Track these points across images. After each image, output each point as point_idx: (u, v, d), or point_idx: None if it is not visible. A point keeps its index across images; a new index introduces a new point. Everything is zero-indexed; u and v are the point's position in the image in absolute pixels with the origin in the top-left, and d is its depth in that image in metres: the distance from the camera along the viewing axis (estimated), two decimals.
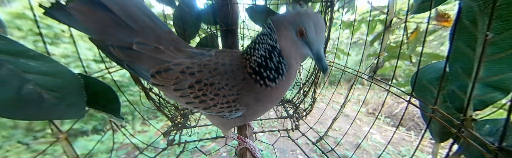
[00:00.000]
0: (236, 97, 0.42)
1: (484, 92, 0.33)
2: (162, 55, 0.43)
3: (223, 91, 0.42)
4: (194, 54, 0.45)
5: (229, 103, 0.43)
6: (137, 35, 0.43)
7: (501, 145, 0.28)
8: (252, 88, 0.43)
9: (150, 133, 2.39)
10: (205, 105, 0.44)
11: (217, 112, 0.45)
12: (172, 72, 0.42)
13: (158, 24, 0.45)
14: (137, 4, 0.42)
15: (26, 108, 0.31)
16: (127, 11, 0.40)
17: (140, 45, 0.42)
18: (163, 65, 0.43)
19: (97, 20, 0.39)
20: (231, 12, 0.68)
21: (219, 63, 0.43)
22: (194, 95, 0.43)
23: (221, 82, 0.42)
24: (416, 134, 2.62)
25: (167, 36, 0.46)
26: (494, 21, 0.29)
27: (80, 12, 0.38)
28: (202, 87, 0.42)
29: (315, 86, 0.81)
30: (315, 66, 0.80)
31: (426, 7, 0.46)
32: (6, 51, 0.30)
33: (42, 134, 1.89)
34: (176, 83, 0.42)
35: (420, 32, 0.82)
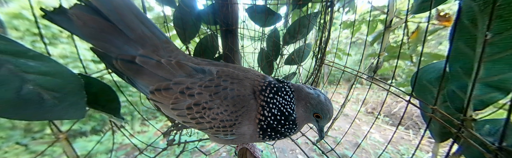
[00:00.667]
0: (233, 122, 0.43)
1: (484, 92, 0.33)
2: (163, 72, 0.43)
3: (221, 115, 0.42)
4: (195, 73, 0.44)
5: (226, 128, 0.44)
6: (136, 44, 0.43)
7: (501, 145, 0.28)
8: (251, 123, 0.44)
9: (149, 134, 2.38)
10: (201, 126, 0.44)
11: (212, 133, 0.46)
12: (172, 92, 0.42)
13: (156, 34, 0.45)
14: (135, 12, 0.42)
15: (26, 108, 0.31)
16: (125, 21, 0.41)
17: (143, 58, 0.42)
18: (163, 83, 0.42)
19: (95, 27, 0.39)
20: (231, 12, 0.68)
21: (221, 86, 0.43)
22: (192, 116, 0.43)
23: (220, 107, 0.42)
24: (414, 132, 2.64)
25: (165, 46, 0.46)
26: (494, 21, 0.29)
27: (79, 18, 0.38)
28: (200, 109, 0.42)
29: (315, 86, 0.82)
30: (315, 66, 0.80)
31: (426, 7, 0.46)
32: (6, 51, 0.30)
33: (40, 135, 1.88)
34: (174, 102, 0.43)
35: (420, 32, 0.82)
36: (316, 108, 0.45)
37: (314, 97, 0.45)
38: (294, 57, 0.87)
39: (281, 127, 0.45)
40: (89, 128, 2.17)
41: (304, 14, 0.75)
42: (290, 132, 0.47)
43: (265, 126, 0.44)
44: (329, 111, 0.46)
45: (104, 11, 0.39)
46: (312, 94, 0.46)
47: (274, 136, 0.46)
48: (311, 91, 0.46)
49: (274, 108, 0.44)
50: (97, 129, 2.24)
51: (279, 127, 0.45)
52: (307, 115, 0.46)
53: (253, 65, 0.99)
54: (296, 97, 0.46)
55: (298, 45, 0.88)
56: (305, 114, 0.46)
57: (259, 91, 0.44)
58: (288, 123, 0.45)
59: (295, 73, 0.95)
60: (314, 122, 0.48)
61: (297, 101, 0.46)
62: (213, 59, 0.84)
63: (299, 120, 0.47)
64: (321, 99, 0.45)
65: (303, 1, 0.72)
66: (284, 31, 0.85)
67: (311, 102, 0.45)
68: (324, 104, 0.45)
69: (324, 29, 0.72)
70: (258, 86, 0.45)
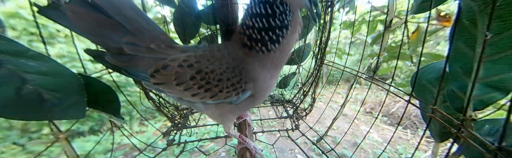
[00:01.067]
0: (240, 77, 0.43)
1: (484, 92, 0.33)
2: (156, 54, 0.43)
3: (226, 74, 0.42)
4: (187, 48, 0.45)
5: (235, 85, 0.43)
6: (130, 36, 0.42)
7: (501, 145, 0.28)
8: (254, 60, 0.43)
9: (148, 134, 2.37)
10: (211, 93, 0.44)
11: (225, 97, 0.45)
12: (171, 68, 0.42)
13: (152, 26, 0.45)
14: (132, 7, 0.43)
15: (26, 108, 0.30)
16: (123, 13, 0.41)
17: (131, 46, 0.42)
18: (159, 63, 0.42)
19: (91, 21, 0.39)
20: (231, 12, 0.68)
21: (214, 50, 0.44)
22: (198, 85, 0.43)
23: (221, 67, 0.42)
24: (412, 132, 2.65)
25: (162, 37, 0.46)
26: (494, 21, 0.29)
27: (74, 12, 0.37)
28: (204, 75, 0.42)
29: (315, 86, 0.82)
30: (315, 66, 0.80)
31: (426, 7, 0.46)
32: (6, 51, 0.29)
33: (37, 135, 1.87)
34: (177, 77, 0.42)
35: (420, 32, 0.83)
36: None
37: None
38: (294, 57, 0.87)
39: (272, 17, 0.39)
40: (87, 128, 2.16)
41: (304, 14, 0.75)
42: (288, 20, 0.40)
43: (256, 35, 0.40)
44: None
45: (102, 3, 0.39)
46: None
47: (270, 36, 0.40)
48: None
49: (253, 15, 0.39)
50: (95, 129, 2.23)
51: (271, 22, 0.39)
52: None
53: None
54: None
55: (298, 45, 0.88)
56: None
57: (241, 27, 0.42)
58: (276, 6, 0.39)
59: (295, 73, 0.95)
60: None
61: None
62: None
63: None
64: None
65: None
66: None
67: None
68: None
69: (324, 29, 0.72)
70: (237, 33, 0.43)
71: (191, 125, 0.86)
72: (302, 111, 0.92)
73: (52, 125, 0.38)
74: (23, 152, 1.72)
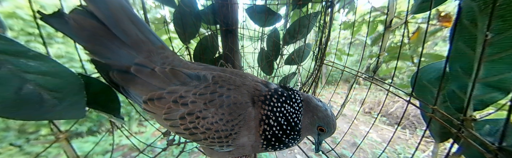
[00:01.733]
0: (229, 132, 0.41)
1: (484, 92, 0.34)
2: (157, 81, 0.42)
3: (216, 125, 0.40)
4: (189, 80, 0.43)
5: (221, 139, 0.41)
6: (131, 49, 0.42)
7: (501, 145, 0.28)
8: (251, 133, 0.43)
9: (146, 135, 2.36)
10: (195, 137, 0.42)
11: (207, 145, 0.44)
12: (165, 101, 0.41)
13: (151, 39, 0.44)
14: (131, 17, 0.42)
15: (26, 108, 0.30)
16: (120, 26, 0.40)
17: (138, 67, 0.41)
18: (156, 92, 0.41)
19: (91, 31, 0.39)
20: (231, 12, 0.68)
21: (216, 94, 0.41)
22: (185, 126, 0.41)
23: (215, 116, 0.40)
24: (411, 132, 2.66)
25: (160, 52, 0.45)
26: (494, 21, 0.29)
27: (76, 21, 0.38)
28: (193, 119, 0.40)
29: (315, 86, 0.82)
30: (315, 66, 0.80)
31: (426, 7, 0.46)
32: (6, 51, 0.29)
33: (35, 136, 1.85)
34: (167, 112, 0.41)
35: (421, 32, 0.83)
36: (322, 121, 0.44)
37: (322, 109, 0.45)
38: (294, 57, 0.87)
39: (286, 137, 0.44)
40: (85, 129, 2.14)
41: (304, 14, 0.75)
42: (293, 143, 0.46)
43: (269, 136, 0.43)
44: (334, 126, 0.45)
45: (99, 16, 0.38)
46: (320, 106, 0.45)
47: (277, 146, 0.45)
48: (319, 103, 0.46)
49: (281, 117, 0.42)
50: (94, 130, 2.22)
51: (284, 137, 0.43)
52: (310, 127, 0.46)
53: (253, 65, 0.99)
54: (305, 107, 0.45)
55: (298, 45, 0.88)
56: (310, 126, 0.45)
57: (263, 98, 0.42)
58: (293, 133, 0.44)
59: (295, 73, 0.95)
60: (315, 135, 0.47)
61: (305, 111, 0.45)
62: (213, 59, 0.84)
63: (303, 131, 0.46)
64: (328, 113, 0.45)
65: (303, 1, 0.72)
66: (284, 31, 0.85)
67: (319, 114, 0.44)
68: (330, 118, 0.45)
69: (324, 29, 0.72)
70: (260, 94, 0.43)
71: None
72: None
73: (52, 125, 0.38)
74: (20, 153, 1.71)
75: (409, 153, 2.14)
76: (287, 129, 0.43)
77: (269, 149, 0.46)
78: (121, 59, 0.42)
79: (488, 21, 0.28)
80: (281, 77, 1.00)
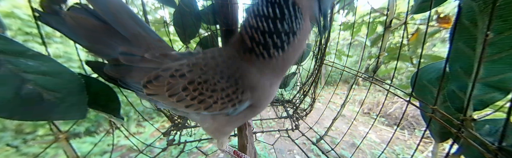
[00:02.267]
0: (235, 87, 0.39)
1: (484, 92, 0.34)
2: (150, 64, 0.41)
3: (220, 84, 0.39)
4: (181, 56, 0.43)
5: (230, 96, 0.40)
6: (129, 44, 0.42)
7: (501, 145, 0.28)
8: (252, 67, 0.39)
9: (145, 135, 2.35)
10: (205, 104, 0.41)
11: (220, 109, 0.42)
12: (163, 79, 0.40)
13: (149, 33, 0.44)
14: (130, 14, 0.42)
15: (26, 108, 0.30)
16: (120, 21, 0.40)
17: (126, 56, 0.41)
18: (152, 73, 0.41)
19: (89, 28, 0.39)
20: (231, 12, 0.68)
21: (208, 57, 0.40)
22: (191, 96, 0.40)
23: (215, 76, 0.39)
24: (409, 133, 2.67)
25: (158, 44, 0.45)
26: (494, 21, 0.30)
27: (74, 19, 0.37)
28: (196, 86, 0.39)
29: (315, 86, 0.82)
30: (315, 66, 0.80)
31: (426, 7, 0.46)
32: (6, 51, 0.29)
33: (32, 136, 1.84)
34: (169, 88, 0.40)
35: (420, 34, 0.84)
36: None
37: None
38: None
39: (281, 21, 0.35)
40: (83, 129, 2.13)
41: None
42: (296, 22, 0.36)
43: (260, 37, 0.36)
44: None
45: (100, 11, 0.38)
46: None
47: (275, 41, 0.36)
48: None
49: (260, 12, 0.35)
50: (91, 130, 2.20)
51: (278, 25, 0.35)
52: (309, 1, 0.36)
53: None
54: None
55: None
56: None
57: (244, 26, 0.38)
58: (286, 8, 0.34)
59: (295, 73, 0.95)
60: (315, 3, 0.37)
61: None
62: None
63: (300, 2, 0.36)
64: None
65: None
66: None
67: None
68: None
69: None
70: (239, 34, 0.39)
71: (191, 125, 0.86)
72: (302, 111, 0.92)
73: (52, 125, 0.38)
74: (16, 154, 1.69)
75: (408, 154, 2.15)
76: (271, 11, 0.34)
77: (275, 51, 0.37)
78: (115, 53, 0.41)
79: (488, 21, 0.28)
80: None
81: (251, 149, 0.70)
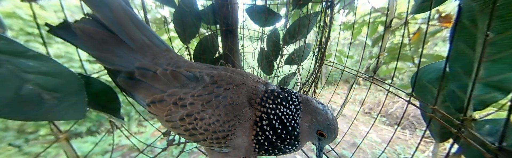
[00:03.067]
0: (226, 133, 0.41)
1: (484, 92, 0.34)
2: (158, 84, 0.42)
3: (214, 126, 0.40)
4: (188, 82, 0.43)
5: (219, 140, 0.41)
6: (137, 54, 0.43)
7: (501, 145, 0.28)
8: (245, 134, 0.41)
9: (146, 135, 2.36)
10: (194, 138, 0.43)
11: (206, 145, 0.45)
12: (165, 104, 0.41)
13: (156, 43, 0.45)
14: (136, 23, 0.43)
15: (26, 108, 0.30)
16: (126, 32, 0.41)
17: (141, 71, 0.42)
18: (158, 95, 0.42)
19: (98, 39, 0.40)
20: (231, 12, 0.68)
21: (213, 94, 0.41)
22: (185, 128, 0.41)
23: (212, 117, 0.40)
24: (410, 132, 2.66)
25: (164, 54, 0.46)
26: (494, 21, 0.29)
27: (83, 31, 0.39)
28: (192, 120, 0.40)
29: (315, 86, 0.82)
30: (315, 66, 0.80)
31: (426, 7, 0.46)
32: (6, 51, 0.29)
33: (34, 136, 1.85)
34: (168, 114, 0.42)
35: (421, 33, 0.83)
36: (322, 125, 0.42)
37: (322, 112, 0.42)
38: (294, 57, 0.87)
39: (281, 142, 0.41)
40: (85, 129, 2.14)
41: (304, 14, 0.75)
42: (291, 149, 0.43)
43: (262, 140, 0.41)
44: (335, 131, 0.43)
45: (106, 23, 0.39)
46: (320, 109, 0.42)
47: (271, 151, 0.43)
48: (319, 105, 0.43)
49: (275, 120, 0.40)
50: (93, 130, 2.21)
51: (278, 142, 0.41)
52: (310, 132, 0.43)
53: (253, 65, 0.99)
54: (303, 109, 0.43)
55: (298, 45, 0.88)
56: (309, 130, 0.43)
57: (259, 100, 0.41)
58: (289, 138, 0.41)
59: (295, 73, 0.95)
60: (315, 140, 0.44)
61: (303, 114, 0.42)
62: (213, 59, 0.84)
63: (302, 135, 0.43)
64: (328, 116, 0.42)
65: (303, 1, 0.72)
66: (284, 31, 0.85)
67: (318, 117, 0.42)
68: (331, 122, 0.42)
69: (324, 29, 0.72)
70: (257, 94, 0.42)
71: None
72: None
73: (52, 125, 0.38)
74: (19, 153, 1.70)
75: (409, 154, 2.14)
76: (282, 133, 0.41)
77: (262, 153, 0.44)
78: (129, 64, 0.43)
79: (488, 21, 0.28)
80: (281, 78, 1.00)
81: None
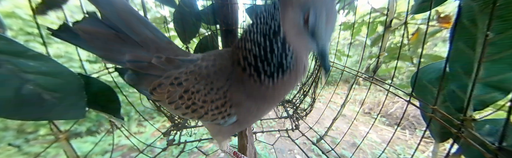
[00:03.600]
0: (224, 100, 0.40)
1: (484, 92, 0.34)
2: (155, 71, 0.43)
3: (210, 96, 0.40)
4: (181, 63, 0.43)
5: (219, 109, 0.41)
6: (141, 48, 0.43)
7: (501, 145, 0.28)
8: (243, 84, 0.39)
9: (146, 135, 2.36)
10: (198, 114, 0.43)
11: (211, 119, 0.44)
12: (164, 86, 0.42)
13: (158, 36, 0.45)
14: (138, 18, 0.43)
15: (26, 108, 0.30)
16: (131, 26, 0.41)
17: (133, 63, 0.42)
18: (156, 81, 0.42)
19: (102, 38, 0.40)
20: (231, 12, 0.68)
21: (202, 66, 0.41)
22: (185, 105, 0.42)
23: (206, 87, 0.40)
24: (410, 133, 2.66)
25: (167, 46, 0.46)
26: (494, 21, 0.29)
27: (85, 32, 0.38)
28: (190, 95, 0.40)
29: (315, 86, 0.82)
30: (315, 65, 0.80)
31: (426, 7, 0.46)
32: (6, 51, 0.29)
33: (34, 136, 1.85)
34: (168, 96, 0.42)
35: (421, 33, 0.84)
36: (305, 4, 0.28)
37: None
38: None
39: (270, 51, 0.34)
40: (85, 129, 2.14)
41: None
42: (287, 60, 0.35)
43: (252, 62, 0.36)
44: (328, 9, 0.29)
45: (110, 18, 0.39)
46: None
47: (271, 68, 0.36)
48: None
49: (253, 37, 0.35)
50: (93, 130, 2.21)
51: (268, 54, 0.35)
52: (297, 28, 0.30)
53: None
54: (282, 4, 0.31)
55: None
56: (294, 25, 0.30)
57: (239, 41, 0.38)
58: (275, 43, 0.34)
59: None
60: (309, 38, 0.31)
61: (283, 10, 0.31)
62: None
63: (290, 38, 0.33)
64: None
65: None
66: None
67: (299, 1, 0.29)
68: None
69: None
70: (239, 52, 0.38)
71: (191, 125, 0.86)
72: (302, 111, 0.92)
73: (52, 125, 0.38)
74: (18, 153, 1.70)
75: (409, 154, 2.14)
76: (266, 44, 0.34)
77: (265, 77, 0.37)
78: None
79: (488, 21, 0.28)
80: None
81: (251, 149, 0.70)
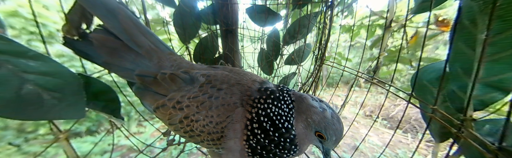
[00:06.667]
0: (220, 135, 0.40)
1: (484, 92, 0.33)
2: (160, 89, 0.44)
3: (208, 128, 0.40)
4: (184, 85, 0.43)
5: (214, 141, 0.41)
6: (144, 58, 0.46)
7: (501, 145, 0.28)
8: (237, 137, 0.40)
9: (145, 135, 2.35)
10: (194, 140, 0.44)
11: (206, 147, 0.45)
12: (166, 108, 0.43)
13: (160, 48, 0.48)
14: (142, 31, 0.45)
15: (26, 108, 0.30)
16: (134, 39, 0.44)
17: (141, 77, 0.44)
18: (160, 101, 0.43)
19: (111, 46, 0.43)
20: (231, 12, 0.68)
21: (207, 95, 0.41)
22: (184, 130, 0.42)
23: (205, 119, 0.40)
24: (412, 136, 2.64)
25: (168, 57, 0.48)
26: (494, 21, 0.29)
27: (99, 41, 0.42)
28: (189, 122, 0.41)
29: (315, 87, 0.82)
30: (315, 66, 0.80)
31: (426, 7, 0.46)
32: (6, 51, 0.29)
33: (34, 135, 1.85)
34: (169, 118, 0.43)
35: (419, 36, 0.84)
36: (319, 126, 0.37)
37: (318, 111, 0.37)
38: (294, 57, 0.87)
39: (275, 146, 0.38)
40: (84, 128, 2.14)
41: (304, 14, 0.76)
42: (288, 154, 0.40)
43: (254, 144, 0.38)
44: (336, 132, 0.37)
45: (115, 32, 0.42)
46: (315, 107, 0.38)
47: (266, 156, 0.39)
48: (315, 103, 0.39)
49: (265, 122, 0.37)
50: (92, 130, 2.21)
51: (272, 146, 0.38)
52: (308, 133, 0.39)
53: (253, 65, 0.99)
54: (296, 108, 0.39)
55: (298, 45, 0.88)
56: (306, 131, 0.39)
57: (251, 101, 0.39)
58: (283, 141, 0.38)
59: (295, 73, 0.95)
60: (317, 142, 0.40)
61: (297, 114, 0.39)
62: (213, 59, 0.84)
63: (299, 138, 0.39)
64: (326, 115, 0.37)
65: (303, 2, 0.72)
66: (284, 31, 0.86)
67: (313, 117, 0.37)
68: (329, 121, 0.37)
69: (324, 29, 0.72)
70: (251, 95, 0.40)
71: None
72: None
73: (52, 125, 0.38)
74: (18, 153, 1.70)
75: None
76: (275, 136, 0.37)
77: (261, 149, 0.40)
78: (137, 67, 0.46)
79: (488, 21, 0.28)
80: (281, 78, 1.00)
81: None
